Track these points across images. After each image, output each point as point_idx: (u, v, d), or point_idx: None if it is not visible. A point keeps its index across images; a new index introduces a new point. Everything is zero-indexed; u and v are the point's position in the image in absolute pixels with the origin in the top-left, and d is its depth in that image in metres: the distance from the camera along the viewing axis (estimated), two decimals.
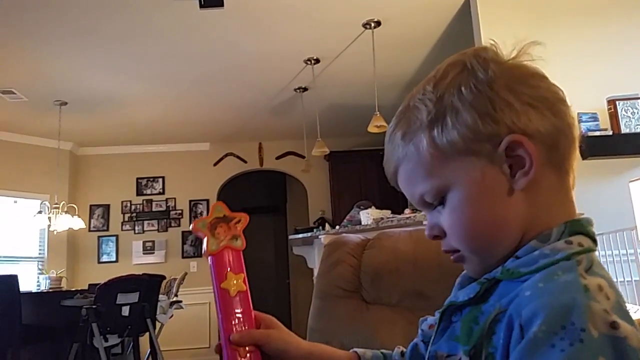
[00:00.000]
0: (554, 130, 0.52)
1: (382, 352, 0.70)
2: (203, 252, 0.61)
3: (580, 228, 0.51)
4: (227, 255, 0.60)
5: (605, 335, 0.40)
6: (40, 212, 4.95)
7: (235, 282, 0.59)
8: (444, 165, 0.53)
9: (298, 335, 0.64)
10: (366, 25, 3.68)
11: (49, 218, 5.00)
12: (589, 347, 0.40)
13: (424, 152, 0.54)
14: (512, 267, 0.50)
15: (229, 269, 0.59)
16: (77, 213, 5.28)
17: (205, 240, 0.60)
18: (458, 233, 0.54)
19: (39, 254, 5.59)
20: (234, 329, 0.57)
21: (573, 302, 0.42)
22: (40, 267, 5.49)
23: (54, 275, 4.99)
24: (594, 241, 0.51)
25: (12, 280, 3.82)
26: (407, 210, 3.91)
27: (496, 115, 0.51)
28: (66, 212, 5.09)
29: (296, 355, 0.61)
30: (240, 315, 0.58)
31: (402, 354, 0.69)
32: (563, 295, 0.43)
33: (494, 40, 0.55)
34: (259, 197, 7.63)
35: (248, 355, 0.57)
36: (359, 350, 0.69)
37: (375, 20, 3.63)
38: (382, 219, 3.61)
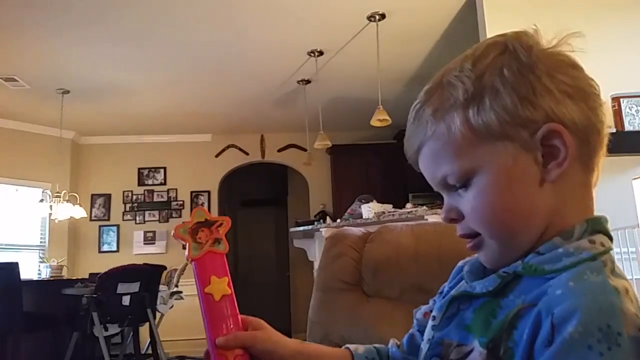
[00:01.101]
0: (588, 124, 0.51)
1: (375, 347, 0.70)
2: (186, 257, 0.60)
3: (600, 227, 0.51)
4: (210, 259, 0.59)
5: (634, 337, 0.40)
6: (41, 200, 4.96)
7: (219, 286, 0.58)
8: (475, 147, 0.51)
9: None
10: (371, 17, 3.66)
11: (51, 207, 5.01)
12: (625, 350, 0.40)
13: (455, 131, 0.52)
14: (535, 263, 0.49)
15: (212, 273, 0.59)
16: (78, 202, 5.29)
17: (187, 245, 0.60)
18: (481, 217, 0.52)
19: (40, 242, 5.60)
20: (220, 333, 0.57)
21: (610, 304, 0.42)
22: (41, 255, 5.50)
23: (55, 263, 5.00)
24: (611, 240, 0.51)
25: (13, 267, 3.83)
26: (408, 205, 3.91)
27: (536, 100, 0.50)
28: (67, 201, 5.10)
29: (284, 355, 0.60)
30: (225, 319, 0.58)
31: (399, 346, 0.69)
32: (599, 297, 0.43)
33: (535, 26, 0.54)
34: (260, 190, 7.63)
35: (236, 358, 0.56)
36: (351, 346, 0.68)
37: (380, 12, 3.61)
38: (383, 213, 3.61)
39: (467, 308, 0.54)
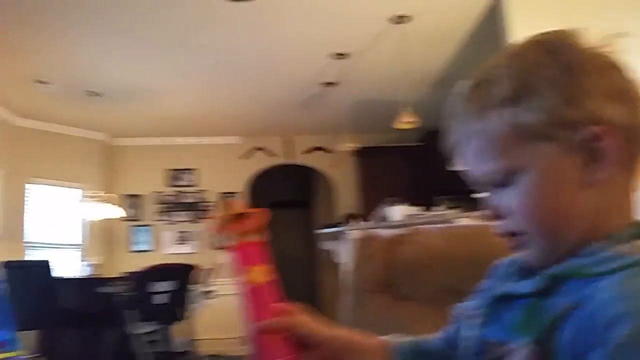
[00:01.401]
0: (630, 125, 0.50)
1: (415, 340, 0.70)
2: (225, 248, 0.62)
3: None
4: (249, 248, 0.62)
5: None
6: (78, 200, 5.09)
7: (259, 273, 0.61)
8: (518, 146, 0.51)
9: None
10: (395, 20, 3.66)
11: (87, 207, 5.14)
12: None
13: (497, 130, 0.52)
14: (581, 265, 0.49)
15: (252, 261, 0.61)
16: (114, 202, 5.40)
17: (225, 236, 0.62)
18: (523, 217, 0.52)
19: (80, 241, 5.74)
20: (262, 318, 0.59)
21: None
22: (80, 254, 5.64)
23: (93, 262, 5.13)
24: None
25: (45, 265, 3.86)
26: (437, 207, 3.89)
27: (579, 102, 0.49)
28: (105, 202, 5.21)
29: (323, 339, 0.61)
30: (266, 305, 0.60)
31: (437, 340, 0.69)
32: None
33: (579, 26, 0.53)
34: (287, 192, 7.67)
35: (277, 342, 0.58)
36: (392, 338, 0.69)
37: (405, 15, 3.61)
38: (411, 215, 3.59)
39: (509, 308, 0.54)
